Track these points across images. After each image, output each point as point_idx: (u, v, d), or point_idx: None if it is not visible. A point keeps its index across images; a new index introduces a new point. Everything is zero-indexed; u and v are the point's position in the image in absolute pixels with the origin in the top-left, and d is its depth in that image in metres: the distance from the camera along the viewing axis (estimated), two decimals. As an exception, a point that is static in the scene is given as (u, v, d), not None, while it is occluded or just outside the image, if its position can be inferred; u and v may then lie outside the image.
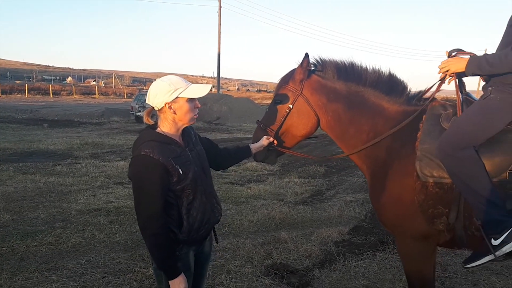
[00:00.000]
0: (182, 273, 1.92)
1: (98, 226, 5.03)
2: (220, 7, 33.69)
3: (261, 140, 2.62)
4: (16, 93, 46.89)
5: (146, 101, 2.03)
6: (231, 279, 3.63)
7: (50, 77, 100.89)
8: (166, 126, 2.04)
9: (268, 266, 3.92)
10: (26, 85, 50.26)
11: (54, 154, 10.41)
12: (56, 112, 24.28)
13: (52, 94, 48.32)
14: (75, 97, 48.24)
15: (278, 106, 2.62)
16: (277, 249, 4.35)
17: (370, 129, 2.45)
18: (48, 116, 21.92)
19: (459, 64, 2.15)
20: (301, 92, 2.55)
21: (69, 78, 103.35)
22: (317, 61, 2.62)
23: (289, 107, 2.57)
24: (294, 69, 2.61)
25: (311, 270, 3.87)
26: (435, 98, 2.41)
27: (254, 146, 2.61)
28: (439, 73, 2.30)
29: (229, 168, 9.15)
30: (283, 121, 2.60)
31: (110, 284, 3.55)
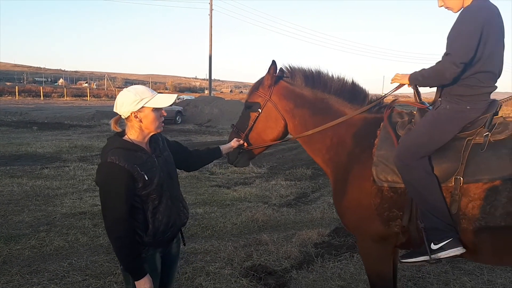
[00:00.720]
0: (148, 274, 2.01)
1: (83, 229, 5.08)
2: (211, 9, 33.81)
3: (231, 142, 2.75)
4: (6, 95, 46.53)
5: (114, 110, 2.11)
6: (210, 281, 3.72)
7: (41, 79, 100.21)
8: (133, 134, 2.12)
9: (247, 267, 4.01)
10: (17, 87, 49.95)
11: (43, 157, 10.41)
12: (46, 114, 24.14)
13: (43, 96, 48.01)
14: (66, 99, 47.94)
15: (249, 111, 2.76)
16: (257, 251, 4.44)
17: (333, 135, 2.57)
18: (38, 118, 21.80)
19: (405, 79, 2.40)
20: (270, 97, 2.68)
21: (61, 80, 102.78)
22: (286, 68, 2.75)
23: (258, 111, 2.71)
24: (264, 76, 2.73)
25: (289, 271, 3.97)
26: (393, 106, 2.54)
27: (224, 147, 2.74)
28: (391, 83, 2.49)
29: (217, 171, 9.29)
30: (253, 124, 2.73)
31: (90, 287, 3.61)
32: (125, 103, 2.05)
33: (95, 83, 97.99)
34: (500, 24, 2.19)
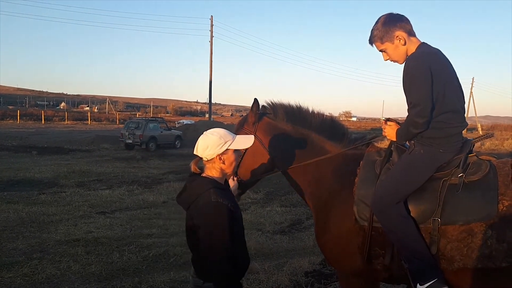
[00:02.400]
0: None
1: (75, 256, 5.11)
2: (211, 36, 34.54)
3: (231, 185, 2.75)
4: (8, 118, 46.93)
5: (194, 152, 2.17)
6: (199, 310, 3.73)
7: (43, 102, 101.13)
8: (212, 173, 2.17)
9: (237, 297, 4.02)
10: (18, 110, 50.36)
11: (40, 183, 10.48)
12: (46, 139, 24.34)
13: (44, 120, 48.39)
14: (67, 123, 48.31)
15: None
16: (248, 280, 4.45)
17: (314, 170, 2.65)
18: (38, 143, 21.97)
19: (393, 135, 2.41)
20: (255, 133, 2.76)
21: (63, 104, 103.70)
22: (268, 104, 2.86)
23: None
24: (248, 114, 2.84)
25: (278, 300, 3.98)
26: (372, 143, 2.63)
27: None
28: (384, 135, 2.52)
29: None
30: (240, 160, 2.78)
31: (80, 316, 3.63)
32: (210, 146, 2.11)
33: (96, 107, 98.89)
34: (445, 63, 2.29)
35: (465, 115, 2.37)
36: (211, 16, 35.01)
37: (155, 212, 7.79)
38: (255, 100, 2.76)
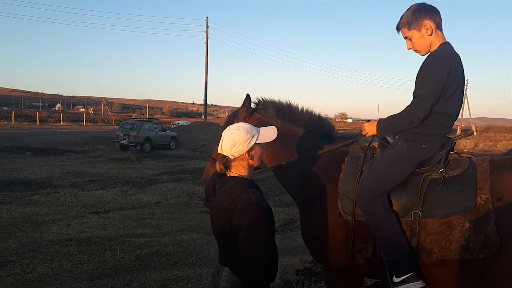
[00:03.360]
0: None
1: (68, 256, 5.12)
2: (207, 37, 34.55)
3: None
4: (2, 120, 46.68)
5: (219, 151, 2.07)
6: (189, 308, 3.76)
7: (38, 103, 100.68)
8: (240, 171, 2.05)
9: (228, 294, 4.05)
10: (13, 112, 50.11)
11: (34, 183, 10.46)
12: (40, 140, 24.23)
13: (39, 121, 48.16)
14: (62, 124, 48.12)
15: None
16: (239, 278, 4.48)
17: (301, 167, 2.70)
18: (32, 144, 21.87)
19: (373, 129, 2.46)
20: None
21: (58, 105, 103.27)
22: (259, 100, 2.90)
23: None
24: (239, 109, 2.88)
25: (269, 298, 4.01)
26: (356, 140, 2.68)
27: None
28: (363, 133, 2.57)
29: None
30: None
31: (70, 314, 3.65)
32: (238, 142, 1.99)
33: (92, 108, 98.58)
34: (462, 70, 2.33)
35: (460, 117, 2.45)
36: (207, 17, 35.05)
37: (149, 212, 7.80)
38: (247, 95, 2.80)
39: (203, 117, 40.14)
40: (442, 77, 2.21)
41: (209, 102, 37.11)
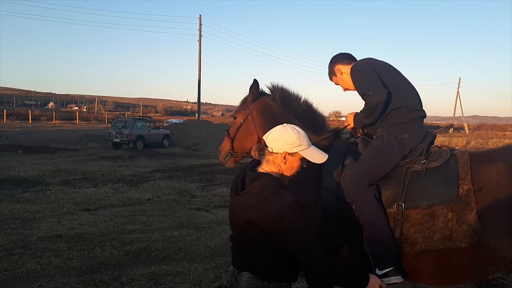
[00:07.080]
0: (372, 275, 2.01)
1: (57, 252, 5.14)
2: (200, 35, 34.53)
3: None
4: (-6, 118, 46.33)
5: (264, 137, 2.05)
6: (176, 301, 3.80)
7: (31, 102, 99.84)
8: (271, 168, 2.01)
9: (215, 288, 4.11)
10: (5, 110, 49.69)
11: (25, 181, 10.43)
12: (32, 138, 24.11)
13: (32, 120, 47.86)
14: (54, 123, 47.82)
15: (235, 120, 2.97)
16: (227, 272, 4.52)
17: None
18: (24, 142, 21.77)
19: (351, 121, 2.67)
20: (251, 111, 2.87)
21: (51, 103, 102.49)
22: (269, 87, 2.94)
23: (241, 122, 2.90)
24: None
25: (255, 291, 4.07)
26: (339, 135, 2.75)
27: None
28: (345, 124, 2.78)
29: (198, 194, 9.39)
30: (236, 133, 2.92)
31: (58, 308, 3.68)
32: (284, 140, 1.96)
33: (85, 107, 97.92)
34: (383, 62, 2.58)
35: (452, 115, 2.61)
36: (200, 15, 35.04)
37: (139, 209, 7.82)
38: (254, 80, 2.86)
39: (197, 115, 40.12)
40: (372, 72, 2.46)
41: (202, 100, 37.16)
